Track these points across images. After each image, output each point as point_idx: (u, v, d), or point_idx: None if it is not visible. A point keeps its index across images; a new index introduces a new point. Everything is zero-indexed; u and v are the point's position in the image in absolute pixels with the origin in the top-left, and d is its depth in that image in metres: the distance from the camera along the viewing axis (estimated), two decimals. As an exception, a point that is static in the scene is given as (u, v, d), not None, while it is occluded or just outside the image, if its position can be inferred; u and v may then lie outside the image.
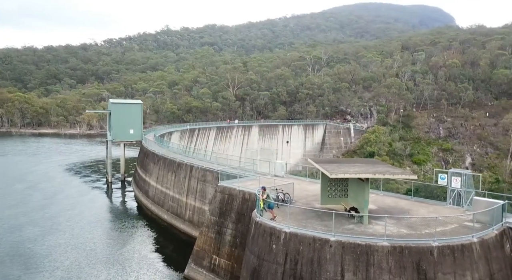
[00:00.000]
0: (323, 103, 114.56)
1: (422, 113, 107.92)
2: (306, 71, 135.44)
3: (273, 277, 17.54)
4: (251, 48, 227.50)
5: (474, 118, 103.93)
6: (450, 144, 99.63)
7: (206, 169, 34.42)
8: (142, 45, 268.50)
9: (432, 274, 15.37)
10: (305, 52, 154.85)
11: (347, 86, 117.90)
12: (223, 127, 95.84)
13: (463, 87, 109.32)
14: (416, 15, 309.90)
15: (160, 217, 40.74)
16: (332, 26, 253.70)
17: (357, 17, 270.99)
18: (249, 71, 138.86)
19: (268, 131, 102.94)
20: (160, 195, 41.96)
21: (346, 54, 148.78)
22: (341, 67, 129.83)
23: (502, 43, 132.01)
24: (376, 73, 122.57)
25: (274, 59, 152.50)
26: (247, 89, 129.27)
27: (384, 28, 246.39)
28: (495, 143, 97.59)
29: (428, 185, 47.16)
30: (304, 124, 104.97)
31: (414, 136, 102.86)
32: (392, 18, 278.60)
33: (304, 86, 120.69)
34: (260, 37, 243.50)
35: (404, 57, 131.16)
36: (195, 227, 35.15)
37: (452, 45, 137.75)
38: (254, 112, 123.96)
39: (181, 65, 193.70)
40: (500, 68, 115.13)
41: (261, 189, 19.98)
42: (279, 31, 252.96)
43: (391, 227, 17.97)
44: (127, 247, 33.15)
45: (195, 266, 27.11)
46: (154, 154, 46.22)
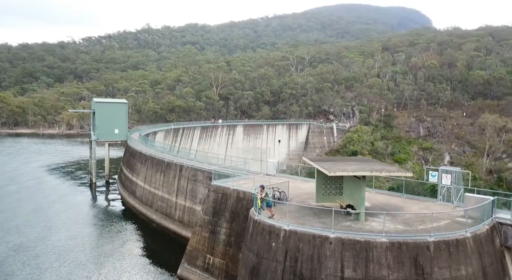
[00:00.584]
0: (307, 103, 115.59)
1: (403, 112, 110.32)
2: (289, 71, 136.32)
3: (273, 275, 17.73)
4: (234, 47, 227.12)
5: (452, 118, 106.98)
6: (430, 143, 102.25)
7: (196, 168, 34.33)
8: (123, 44, 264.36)
9: (429, 268, 15.88)
10: (288, 52, 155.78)
11: (329, 86, 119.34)
12: (207, 126, 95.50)
13: (442, 88, 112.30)
14: (394, 17, 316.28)
15: (149, 217, 40.37)
16: (313, 26, 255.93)
17: (338, 18, 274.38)
18: (232, 71, 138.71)
19: (253, 130, 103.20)
20: (148, 195, 41.57)
21: (328, 54, 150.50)
22: (324, 67, 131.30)
23: (477, 45, 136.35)
24: (358, 73, 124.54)
25: (257, 59, 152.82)
26: (230, 89, 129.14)
27: (364, 29, 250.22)
28: (472, 142, 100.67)
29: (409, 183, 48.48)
30: (288, 124, 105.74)
31: (395, 135, 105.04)
32: (371, 19, 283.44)
33: (288, 86, 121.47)
34: (242, 37, 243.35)
35: (384, 58, 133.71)
36: (185, 227, 35.03)
37: (430, 46, 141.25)
38: (238, 111, 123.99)
39: (163, 64, 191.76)
40: (476, 69, 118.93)
41: (259, 187, 20.15)
42: (261, 31, 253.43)
43: (388, 224, 18.41)
44: (117, 248, 32.76)
45: (189, 266, 27.05)
46: (141, 154, 45.72)
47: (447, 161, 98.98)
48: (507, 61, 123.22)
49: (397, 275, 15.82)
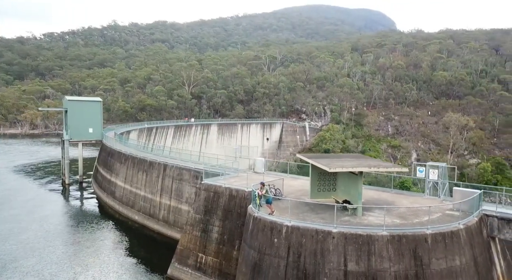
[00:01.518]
0: (280, 102, 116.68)
1: (372, 111, 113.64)
2: (262, 70, 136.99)
3: (275, 271, 17.98)
4: (204, 46, 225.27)
5: (418, 117, 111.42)
6: (398, 141, 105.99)
7: (182, 167, 34.02)
8: (88, 40, 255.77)
9: (427, 259, 16.65)
10: (259, 52, 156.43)
11: (302, 86, 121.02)
12: (181, 125, 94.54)
13: (408, 88, 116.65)
14: (361, 18, 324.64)
15: (131, 218, 39.55)
16: (283, 26, 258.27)
17: (307, 19, 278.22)
18: (204, 69, 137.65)
19: (227, 129, 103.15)
20: (129, 196, 40.71)
21: (300, 54, 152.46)
22: (296, 67, 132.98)
23: (439, 47, 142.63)
24: (329, 73, 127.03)
25: (229, 58, 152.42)
26: (203, 87, 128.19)
27: (333, 29, 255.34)
28: (436, 139, 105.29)
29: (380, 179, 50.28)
30: (262, 123, 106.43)
31: (366, 133, 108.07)
32: (339, 21, 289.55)
33: (261, 85, 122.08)
34: (213, 35, 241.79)
35: (354, 58, 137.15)
36: (171, 227, 34.65)
37: (396, 47, 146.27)
38: (211, 110, 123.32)
39: (132, 62, 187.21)
40: (439, 70, 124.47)
41: (260, 184, 20.32)
42: (232, 30, 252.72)
43: (391, 218, 19.11)
44: (101, 250, 31.91)
45: (179, 266, 26.83)
46: (120, 153, 44.66)
47: (414, 159, 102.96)
48: (467, 63, 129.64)
49: (397, 267, 16.48)
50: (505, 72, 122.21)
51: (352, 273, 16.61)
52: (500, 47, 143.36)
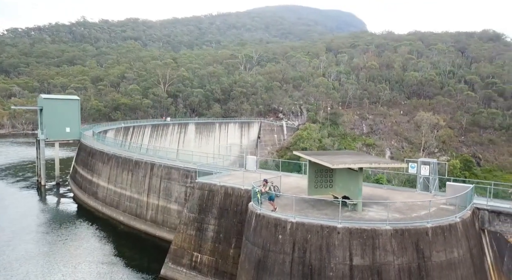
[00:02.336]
0: (257, 102, 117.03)
1: (348, 111, 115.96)
2: (238, 69, 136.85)
3: (281, 267, 18.12)
4: (178, 44, 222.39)
5: (391, 116, 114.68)
6: (372, 140, 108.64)
7: (171, 166, 33.59)
8: (55, 37, 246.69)
9: (428, 252, 17.26)
10: (235, 51, 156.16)
11: (278, 85, 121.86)
12: (158, 124, 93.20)
13: (381, 87, 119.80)
14: (333, 19, 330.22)
15: (115, 219, 38.66)
16: (257, 25, 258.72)
17: (280, 18, 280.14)
18: (180, 68, 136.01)
19: (205, 128, 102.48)
20: (113, 196, 39.75)
21: (275, 54, 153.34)
22: (272, 67, 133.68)
23: (410, 48, 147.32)
24: (305, 73, 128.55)
25: (205, 56, 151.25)
26: (179, 86, 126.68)
27: (306, 30, 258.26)
28: (409, 138, 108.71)
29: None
30: (240, 122, 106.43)
31: (341, 132, 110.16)
32: (312, 21, 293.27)
33: (238, 84, 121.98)
34: (186, 34, 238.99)
35: (329, 58, 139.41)
36: (159, 227, 34.15)
37: (369, 48, 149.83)
38: (187, 109, 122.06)
39: (103, 59, 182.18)
40: (410, 71, 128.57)
41: (263, 181, 20.41)
42: (206, 29, 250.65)
43: (384, 213, 19.64)
44: (88, 251, 31.06)
45: (173, 265, 26.53)
46: (102, 153, 43.51)
47: (388, 156, 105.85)
48: (435, 64, 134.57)
49: (401, 260, 17.00)
50: (471, 73, 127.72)
51: (358, 267, 17.00)
52: (465, 49, 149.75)
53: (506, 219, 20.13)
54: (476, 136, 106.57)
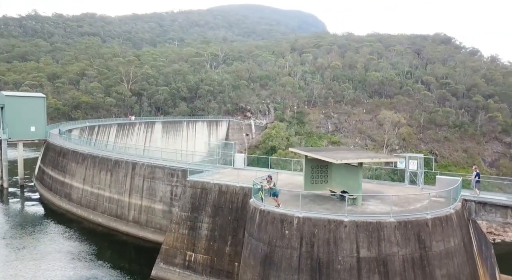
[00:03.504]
0: (224, 100, 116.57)
1: (313, 110, 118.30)
2: (204, 68, 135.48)
3: (288, 262, 18.34)
4: (139, 41, 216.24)
5: (355, 114, 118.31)
6: (337, 138, 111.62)
7: (155, 165, 32.83)
8: (4, 31, 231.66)
9: (429, 242, 18.15)
10: (200, 49, 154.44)
11: (245, 84, 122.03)
12: (124, 124, 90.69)
13: (345, 87, 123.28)
14: (294, 20, 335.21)
15: (92, 221, 37.17)
16: (220, 24, 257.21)
17: (243, 17, 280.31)
18: (144, 65, 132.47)
19: (172, 127, 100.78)
20: (90, 197, 38.19)
21: (241, 53, 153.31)
22: (239, 65, 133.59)
23: (371, 49, 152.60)
24: (271, 72, 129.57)
25: (169, 54, 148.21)
26: (143, 84, 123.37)
27: (269, 29, 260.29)
28: (372, 135, 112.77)
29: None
30: (208, 121, 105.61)
31: (308, 131, 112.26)
32: (274, 21, 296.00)
33: (204, 82, 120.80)
34: (147, 31, 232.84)
35: (294, 58, 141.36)
36: (142, 228, 33.30)
37: (332, 48, 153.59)
38: (152, 108, 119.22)
39: (59, 55, 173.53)
40: (372, 71, 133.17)
41: (267, 177, 20.50)
42: (168, 26, 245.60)
43: (383, 206, 20.43)
44: (68, 258, 29.61)
45: (165, 265, 26.02)
46: (76, 153, 41.63)
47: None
48: (395, 64, 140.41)
49: (405, 250, 17.76)
50: (427, 74, 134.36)
51: (365, 259, 17.57)
52: (421, 51, 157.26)
53: (491, 209, 21.55)
54: (433, 134, 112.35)
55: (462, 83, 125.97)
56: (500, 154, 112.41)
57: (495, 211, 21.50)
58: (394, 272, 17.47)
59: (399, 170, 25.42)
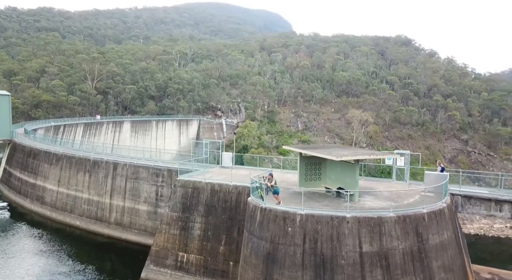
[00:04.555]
0: (194, 99, 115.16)
1: (284, 109, 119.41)
2: (173, 66, 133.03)
3: (292, 259, 18.42)
4: (101, 38, 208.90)
5: (323, 113, 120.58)
6: (307, 136, 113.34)
7: (138, 165, 31.91)
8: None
9: (426, 236, 18.84)
10: (168, 47, 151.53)
11: (215, 83, 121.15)
12: (91, 123, 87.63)
13: (314, 86, 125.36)
14: (261, 19, 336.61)
15: (69, 224, 35.58)
16: (187, 22, 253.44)
17: (210, 15, 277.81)
18: (110, 63, 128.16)
19: (141, 127, 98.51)
20: (66, 200, 36.52)
21: (210, 51, 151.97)
22: (208, 64, 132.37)
23: (337, 50, 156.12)
24: (241, 71, 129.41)
25: (136, 52, 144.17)
26: (109, 82, 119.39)
27: (236, 28, 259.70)
28: (340, 134, 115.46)
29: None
30: (179, 120, 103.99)
31: (278, 129, 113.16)
32: (241, 20, 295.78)
33: (173, 81, 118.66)
34: (110, 27, 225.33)
35: (263, 57, 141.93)
36: (125, 230, 32.29)
37: (300, 48, 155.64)
38: (119, 107, 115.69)
39: (15, 51, 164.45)
40: (339, 71, 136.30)
41: (269, 175, 20.45)
42: (132, 23, 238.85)
43: (379, 201, 20.97)
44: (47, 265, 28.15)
45: (156, 267, 25.40)
46: (49, 153, 39.64)
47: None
48: (360, 65, 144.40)
49: (404, 244, 18.34)
50: (390, 74, 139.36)
51: (367, 254, 17.97)
52: (384, 52, 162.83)
53: (476, 202, 22.72)
54: (398, 132, 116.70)
55: (423, 83, 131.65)
56: (458, 151, 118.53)
57: (479, 204, 22.69)
58: (395, 266, 18.00)
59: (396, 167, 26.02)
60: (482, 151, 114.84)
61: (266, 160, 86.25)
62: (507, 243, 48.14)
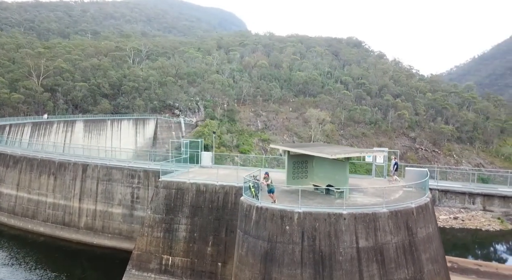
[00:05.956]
0: (151, 97, 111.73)
1: (243, 108, 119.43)
2: (127, 63, 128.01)
3: (291, 257, 18.45)
4: (45, 31, 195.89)
5: (282, 112, 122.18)
6: (267, 135, 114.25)
7: (111, 166, 30.39)
8: None
9: (415, 229, 19.68)
10: (120, 43, 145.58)
11: (173, 81, 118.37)
12: (41, 122, 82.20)
13: (273, 86, 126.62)
14: (215, 17, 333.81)
15: (31, 230, 33.14)
16: (138, 17, 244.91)
17: (162, 12, 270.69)
18: (57, 59, 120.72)
19: (95, 126, 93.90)
20: (27, 205, 33.93)
21: (165, 48, 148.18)
22: (165, 61, 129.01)
23: (294, 50, 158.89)
24: (199, 69, 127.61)
25: (85, 47, 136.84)
26: (57, 79, 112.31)
27: (190, 26, 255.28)
28: (298, 132, 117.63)
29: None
30: (135, 119, 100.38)
31: (239, 128, 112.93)
32: (195, 17, 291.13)
33: (128, 78, 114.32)
34: (54, 20, 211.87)
35: (221, 56, 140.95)
36: (97, 234, 30.65)
37: (257, 48, 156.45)
38: (69, 105, 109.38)
39: None
40: (296, 70, 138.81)
41: (264, 174, 20.28)
42: (78, 16, 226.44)
43: (368, 198, 21.58)
44: (15, 276, 26.02)
45: (138, 272, 24.41)
46: (4, 155, 36.58)
47: (282, 150, 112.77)
48: (316, 65, 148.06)
49: (397, 238, 19.04)
50: (345, 74, 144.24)
51: (363, 249, 18.44)
52: (338, 53, 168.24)
53: (452, 196, 24.11)
54: (352, 130, 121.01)
55: (374, 83, 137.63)
56: (407, 148, 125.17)
57: (455, 197, 24.09)
58: (390, 260, 18.63)
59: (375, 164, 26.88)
60: (428, 148, 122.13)
61: (228, 159, 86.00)
62: (450, 233, 52.09)
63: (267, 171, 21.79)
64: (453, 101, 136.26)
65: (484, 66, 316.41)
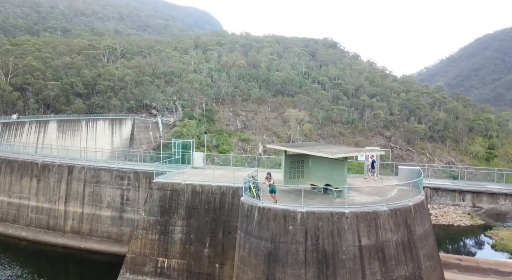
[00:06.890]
0: (127, 97, 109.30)
1: (222, 107, 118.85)
2: (101, 62, 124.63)
3: (294, 256, 18.47)
4: (11, 28, 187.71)
5: (261, 112, 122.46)
6: (247, 135, 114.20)
7: (99, 168, 29.50)
8: None
9: (413, 227, 20.13)
10: (94, 41, 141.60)
11: (149, 80, 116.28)
12: (11, 123, 78.81)
13: (251, 85, 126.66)
14: (190, 16, 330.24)
15: (12, 235, 31.78)
16: (110, 15, 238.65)
17: (136, 10, 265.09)
18: (27, 56, 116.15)
19: (69, 127, 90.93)
20: (7, 209, 32.49)
21: (140, 47, 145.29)
22: (141, 60, 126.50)
23: (271, 50, 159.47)
24: (176, 68, 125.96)
25: (56, 44, 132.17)
26: (27, 78, 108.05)
27: (165, 24, 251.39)
28: (277, 132, 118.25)
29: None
30: (111, 119, 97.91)
31: (218, 128, 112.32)
32: (170, 16, 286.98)
33: (103, 77, 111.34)
34: (21, 17, 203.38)
35: (198, 55, 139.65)
36: (84, 238, 29.73)
37: (235, 47, 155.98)
38: (41, 105, 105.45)
39: None
40: (274, 71, 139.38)
41: (267, 174, 20.17)
42: (47, 13, 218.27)
43: (365, 196, 21.88)
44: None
45: (133, 275, 23.88)
46: (-18, 157, 34.82)
47: (261, 150, 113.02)
48: (293, 65, 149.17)
49: (397, 236, 19.41)
50: (321, 74, 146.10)
51: (365, 247, 18.69)
52: (314, 53, 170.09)
53: (443, 193, 24.83)
54: (330, 129, 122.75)
55: (350, 83, 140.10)
56: (383, 147, 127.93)
57: (446, 195, 24.83)
58: (390, 257, 18.97)
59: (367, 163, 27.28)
60: (403, 147, 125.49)
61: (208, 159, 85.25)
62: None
63: (269, 171, 21.67)
64: (425, 101, 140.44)
65: (452, 68, 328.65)
